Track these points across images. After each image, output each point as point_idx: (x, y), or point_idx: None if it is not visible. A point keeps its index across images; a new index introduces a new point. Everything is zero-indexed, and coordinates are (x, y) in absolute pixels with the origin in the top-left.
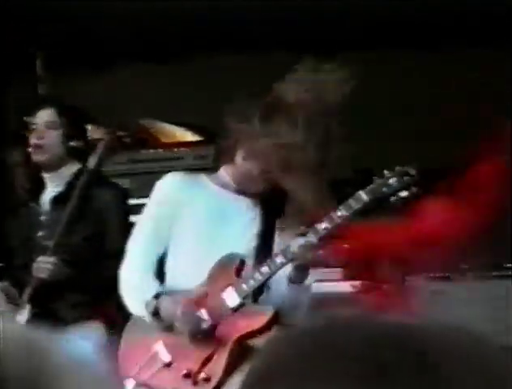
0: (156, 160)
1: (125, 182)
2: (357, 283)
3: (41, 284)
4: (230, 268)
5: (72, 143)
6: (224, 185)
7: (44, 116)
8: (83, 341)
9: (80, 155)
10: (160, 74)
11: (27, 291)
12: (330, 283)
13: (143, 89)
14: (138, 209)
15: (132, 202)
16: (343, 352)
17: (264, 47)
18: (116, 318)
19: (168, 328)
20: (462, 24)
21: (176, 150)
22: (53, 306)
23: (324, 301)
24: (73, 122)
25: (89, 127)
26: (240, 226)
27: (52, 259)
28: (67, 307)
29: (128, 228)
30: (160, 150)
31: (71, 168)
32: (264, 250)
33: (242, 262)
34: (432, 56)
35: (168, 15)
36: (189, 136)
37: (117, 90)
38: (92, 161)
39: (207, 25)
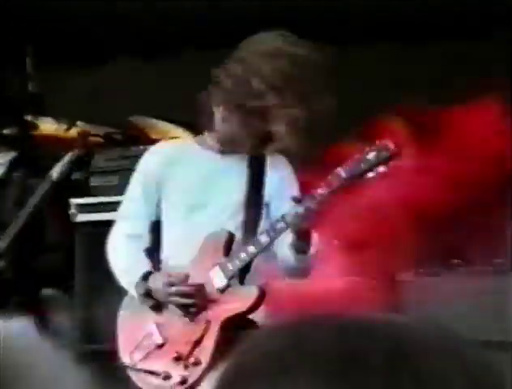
0: None
1: (114, 179)
2: (347, 279)
3: None
4: (218, 246)
5: (6, 131)
6: (210, 148)
7: None
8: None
9: (14, 143)
10: (149, 71)
11: None
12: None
13: (133, 86)
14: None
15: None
16: (314, 349)
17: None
18: (48, 312)
19: (160, 308)
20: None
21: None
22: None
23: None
24: (5, 111)
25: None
26: (229, 188)
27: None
28: (6, 303)
29: (65, 221)
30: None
31: (5, 157)
32: (254, 209)
33: (231, 239)
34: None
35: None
36: (180, 132)
37: (106, 87)
38: (56, 173)
39: (195, 21)
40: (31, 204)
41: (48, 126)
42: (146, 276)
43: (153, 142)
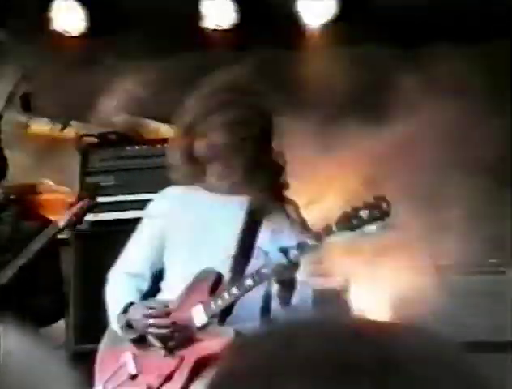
0: (141, 157)
1: (109, 179)
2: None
3: None
4: (205, 284)
5: None
6: (213, 189)
7: None
8: None
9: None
10: (144, 71)
11: None
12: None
13: (128, 86)
14: (122, 205)
15: (117, 198)
16: (305, 353)
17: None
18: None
19: (139, 340)
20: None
21: (160, 146)
22: None
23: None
24: None
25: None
26: (226, 231)
27: None
28: None
29: (56, 262)
30: (145, 146)
31: None
32: (244, 253)
33: (218, 279)
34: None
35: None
36: (172, 132)
37: (101, 87)
38: (63, 221)
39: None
40: (33, 249)
41: (42, 126)
42: (126, 308)
43: (147, 142)
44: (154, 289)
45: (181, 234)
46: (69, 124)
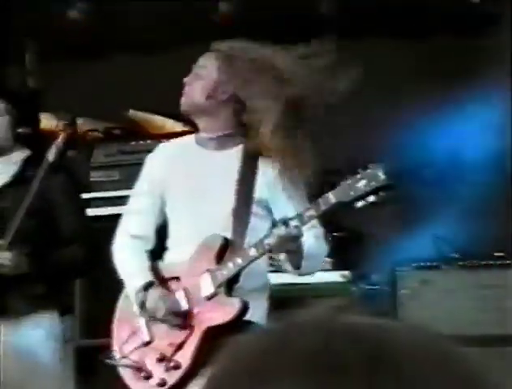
0: (146, 152)
1: (114, 174)
2: (347, 272)
3: None
4: (211, 251)
5: (20, 130)
6: (203, 144)
7: None
8: (34, 332)
9: (29, 141)
10: (148, 65)
11: None
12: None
13: (132, 80)
14: (127, 200)
15: (121, 193)
16: (299, 352)
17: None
18: (71, 305)
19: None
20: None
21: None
22: (5, 298)
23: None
24: (21, 110)
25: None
26: (224, 184)
27: (9, 255)
28: (21, 298)
29: (82, 212)
30: (150, 141)
31: (20, 155)
32: (244, 205)
33: (225, 245)
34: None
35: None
36: (179, 127)
37: (106, 81)
38: (51, 154)
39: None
40: (30, 193)
41: (47, 122)
42: (146, 287)
43: (152, 137)
44: (157, 248)
45: (180, 190)
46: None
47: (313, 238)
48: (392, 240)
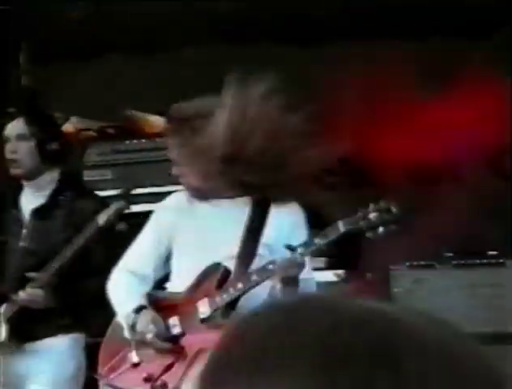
0: (140, 151)
1: (107, 173)
2: (341, 271)
3: (24, 309)
4: (212, 278)
5: (47, 148)
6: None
7: (14, 128)
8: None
9: (57, 158)
10: (144, 65)
11: (5, 312)
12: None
13: (128, 80)
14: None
15: (114, 193)
16: (304, 336)
17: (250, 38)
18: (95, 329)
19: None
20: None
21: (158, 140)
22: (31, 325)
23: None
24: (44, 128)
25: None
26: (232, 232)
27: (41, 293)
28: (49, 323)
29: (112, 241)
30: (143, 140)
31: (50, 175)
32: (249, 251)
33: (226, 274)
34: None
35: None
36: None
37: (101, 81)
38: (102, 220)
39: (195, 16)
40: (76, 243)
41: None
42: (137, 310)
43: (145, 136)
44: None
45: (188, 239)
46: (68, 119)
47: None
48: (386, 239)
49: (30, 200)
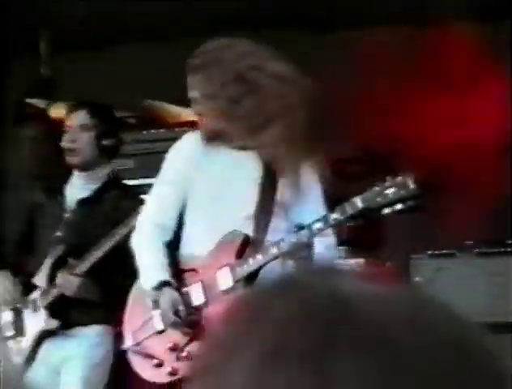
0: (160, 140)
1: (128, 163)
2: (361, 260)
3: (63, 296)
4: (232, 247)
5: (104, 142)
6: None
7: (78, 118)
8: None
9: (113, 153)
10: (164, 54)
11: (44, 298)
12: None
13: (148, 69)
14: (141, 189)
15: (136, 182)
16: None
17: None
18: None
19: None
20: None
21: (179, 130)
22: (69, 312)
23: None
24: (105, 122)
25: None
26: (246, 187)
27: (79, 280)
28: (83, 313)
29: None
30: (164, 130)
31: (103, 170)
32: (265, 210)
33: (245, 242)
34: None
35: None
36: (194, 116)
37: (120, 70)
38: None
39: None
40: (120, 233)
41: (60, 111)
42: (161, 286)
43: (166, 125)
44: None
45: (202, 187)
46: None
47: (323, 247)
48: (407, 228)
49: (77, 190)
